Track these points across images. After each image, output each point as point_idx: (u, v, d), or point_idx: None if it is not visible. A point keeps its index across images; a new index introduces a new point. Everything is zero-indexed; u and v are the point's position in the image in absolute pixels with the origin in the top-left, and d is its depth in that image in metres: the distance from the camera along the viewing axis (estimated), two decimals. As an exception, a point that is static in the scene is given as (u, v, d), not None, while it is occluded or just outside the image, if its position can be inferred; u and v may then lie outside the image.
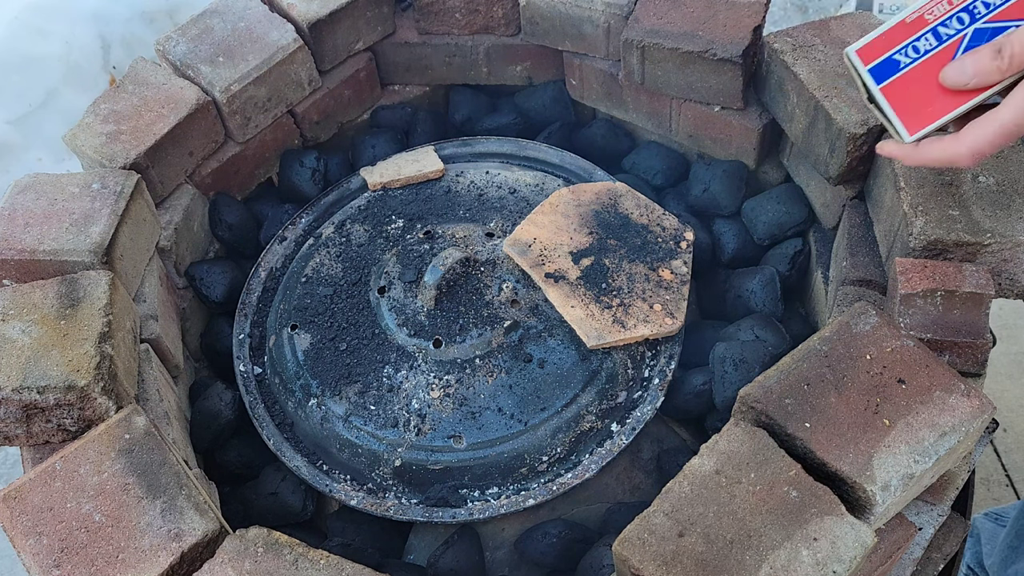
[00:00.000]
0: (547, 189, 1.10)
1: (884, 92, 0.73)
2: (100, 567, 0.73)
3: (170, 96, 1.09)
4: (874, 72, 0.73)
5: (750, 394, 0.76)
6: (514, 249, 1.00)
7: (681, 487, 0.71)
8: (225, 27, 1.15)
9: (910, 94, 0.72)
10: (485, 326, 0.96)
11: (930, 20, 0.71)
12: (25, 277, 0.93)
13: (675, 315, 0.96)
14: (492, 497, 0.91)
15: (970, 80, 0.69)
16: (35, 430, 0.82)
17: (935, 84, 0.71)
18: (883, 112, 0.73)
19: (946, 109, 0.71)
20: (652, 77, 1.12)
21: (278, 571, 0.72)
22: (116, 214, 0.95)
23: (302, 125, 1.23)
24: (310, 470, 0.95)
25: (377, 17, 1.22)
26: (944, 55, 0.71)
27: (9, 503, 0.77)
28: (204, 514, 0.76)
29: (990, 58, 0.68)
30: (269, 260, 1.11)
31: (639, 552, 0.68)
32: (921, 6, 0.72)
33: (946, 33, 0.71)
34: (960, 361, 0.81)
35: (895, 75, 0.72)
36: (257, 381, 1.02)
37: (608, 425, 0.93)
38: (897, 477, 0.70)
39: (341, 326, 1.00)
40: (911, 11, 0.72)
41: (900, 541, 0.78)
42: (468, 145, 1.20)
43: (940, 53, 0.71)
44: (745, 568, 0.67)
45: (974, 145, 0.68)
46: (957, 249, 0.82)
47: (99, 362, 0.82)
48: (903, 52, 0.72)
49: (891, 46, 0.72)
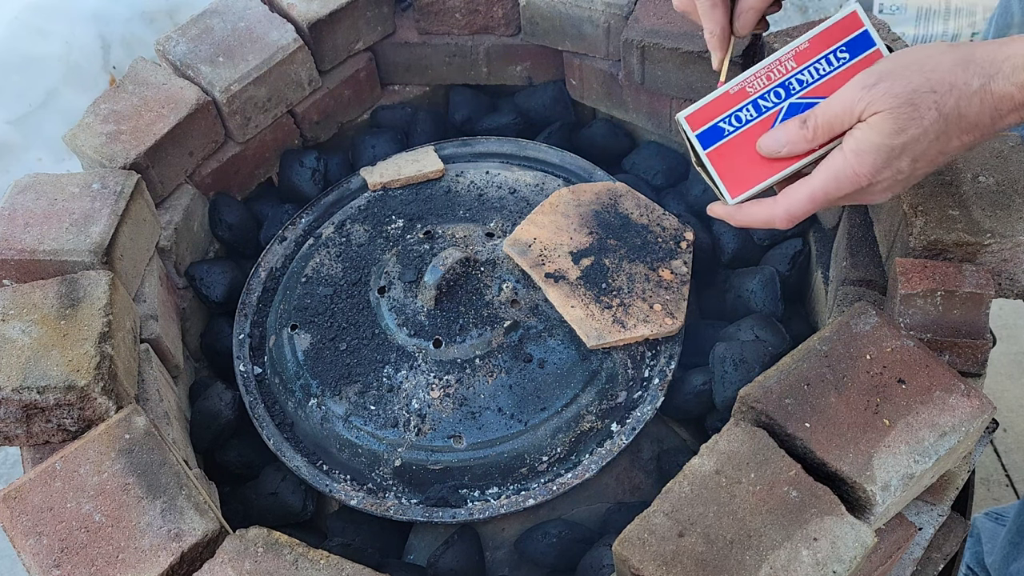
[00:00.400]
0: (547, 189, 1.10)
1: (710, 157, 0.78)
2: (100, 567, 0.73)
3: (170, 96, 1.09)
4: (701, 138, 0.79)
5: (750, 394, 0.76)
6: (514, 249, 1.00)
7: (681, 487, 0.71)
8: (225, 27, 1.15)
9: (733, 160, 0.78)
10: (485, 326, 0.96)
11: (751, 93, 0.78)
12: (25, 277, 0.93)
13: (675, 315, 0.96)
14: (492, 497, 0.91)
15: (782, 148, 0.75)
16: (35, 430, 0.82)
17: (755, 152, 0.77)
18: (710, 175, 0.79)
19: (764, 176, 0.77)
20: (652, 77, 1.12)
21: (278, 571, 0.72)
22: (116, 214, 0.95)
23: (302, 125, 1.23)
24: (310, 470, 0.95)
25: (377, 17, 1.22)
26: (763, 125, 0.77)
27: (9, 503, 0.77)
28: (204, 514, 0.76)
29: (797, 128, 0.74)
30: (269, 260, 1.11)
31: (639, 552, 0.68)
32: (743, 79, 0.78)
33: (765, 105, 0.78)
34: (960, 361, 0.81)
35: (720, 141, 0.78)
36: (257, 381, 1.02)
37: (608, 425, 0.93)
38: (897, 477, 0.70)
39: (341, 326, 1.00)
40: (735, 83, 0.78)
41: (900, 541, 0.78)
42: (468, 145, 1.20)
43: (760, 123, 0.77)
44: (745, 568, 0.67)
45: (788, 208, 0.74)
46: (957, 249, 0.82)
47: (99, 362, 0.82)
48: (727, 121, 0.78)
49: (717, 114, 0.79)
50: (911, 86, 0.68)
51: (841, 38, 0.77)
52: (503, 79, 1.28)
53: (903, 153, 0.69)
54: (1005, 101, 0.67)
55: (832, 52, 0.77)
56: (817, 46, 0.77)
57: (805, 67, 0.77)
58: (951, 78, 0.67)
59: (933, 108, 0.67)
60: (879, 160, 0.69)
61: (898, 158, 0.69)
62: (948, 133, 0.68)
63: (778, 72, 0.78)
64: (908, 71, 0.69)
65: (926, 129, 0.68)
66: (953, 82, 0.67)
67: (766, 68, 0.78)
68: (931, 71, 0.68)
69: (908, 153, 0.69)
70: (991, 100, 0.67)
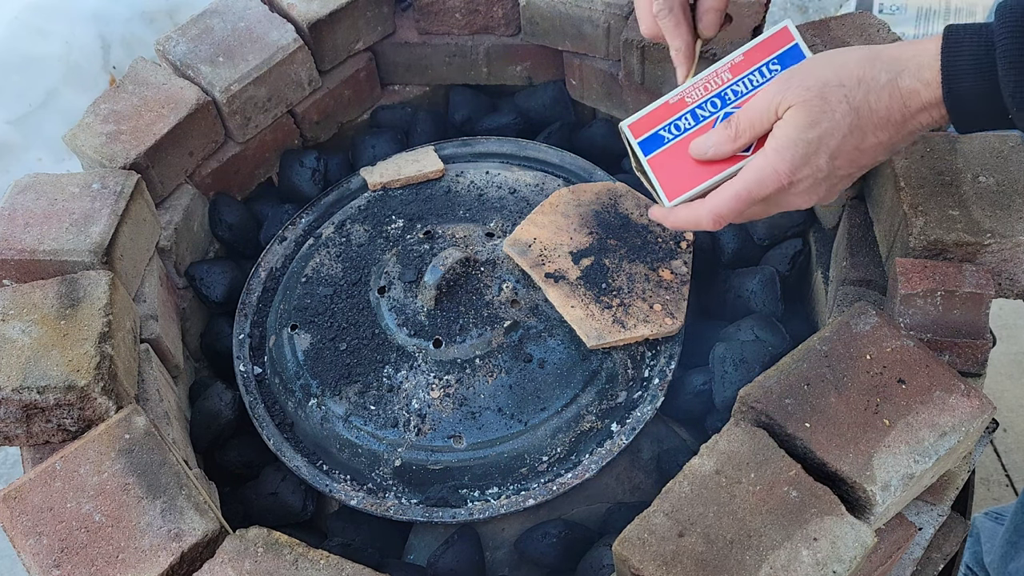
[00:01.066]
0: (547, 189, 1.10)
1: (650, 163, 0.82)
2: (100, 567, 0.73)
3: (170, 96, 1.09)
4: (643, 145, 0.83)
5: (750, 394, 0.76)
6: (514, 249, 1.00)
7: (681, 487, 0.71)
8: (225, 27, 1.15)
9: (671, 166, 0.81)
10: (485, 326, 0.96)
11: (689, 103, 0.82)
12: (25, 277, 0.93)
13: (675, 315, 0.96)
14: (492, 497, 0.91)
15: (708, 150, 0.78)
16: (35, 430, 0.82)
17: (691, 158, 0.80)
18: (650, 180, 0.82)
19: (699, 180, 0.80)
20: (652, 77, 1.12)
21: (278, 571, 0.72)
22: (116, 214, 0.95)
23: (302, 125, 1.23)
24: (310, 470, 0.95)
25: (377, 17, 1.22)
26: (700, 133, 0.80)
27: (9, 503, 0.77)
28: (204, 514, 0.76)
29: (722, 129, 0.77)
30: (269, 260, 1.11)
31: (639, 552, 0.68)
32: (682, 90, 0.82)
33: (702, 115, 0.81)
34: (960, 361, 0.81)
35: (660, 148, 0.82)
36: (257, 381, 1.02)
37: (608, 425, 0.93)
38: (897, 477, 0.70)
39: (341, 326, 1.00)
40: (674, 93, 0.83)
41: (900, 541, 0.78)
42: (468, 145, 1.20)
43: (697, 132, 0.81)
44: (745, 568, 0.67)
45: (714, 209, 0.76)
46: (957, 249, 0.82)
47: (99, 362, 0.82)
48: (667, 129, 0.82)
49: (657, 123, 0.82)
50: (821, 80, 0.70)
51: (773, 51, 0.80)
52: (503, 79, 1.28)
53: (820, 148, 0.70)
54: (912, 97, 0.68)
55: (765, 64, 0.80)
56: (751, 59, 0.81)
57: (740, 78, 0.81)
58: (859, 72, 0.69)
59: (843, 101, 0.69)
60: (797, 155, 0.70)
61: (815, 154, 0.70)
62: (862, 128, 0.69)
63: (715, 83, 0.81)
64: (818, 67, 0.71)
65: (838, 122, 0.69)
66: (861, 76, 0.69)
67: (704, 79, 0.82)
68: (840, 66, 0.70)
69: (824, 148, 0.70)
70: (899, 95, 0.68)
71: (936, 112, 0.68)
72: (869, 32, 1.02)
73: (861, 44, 1.01)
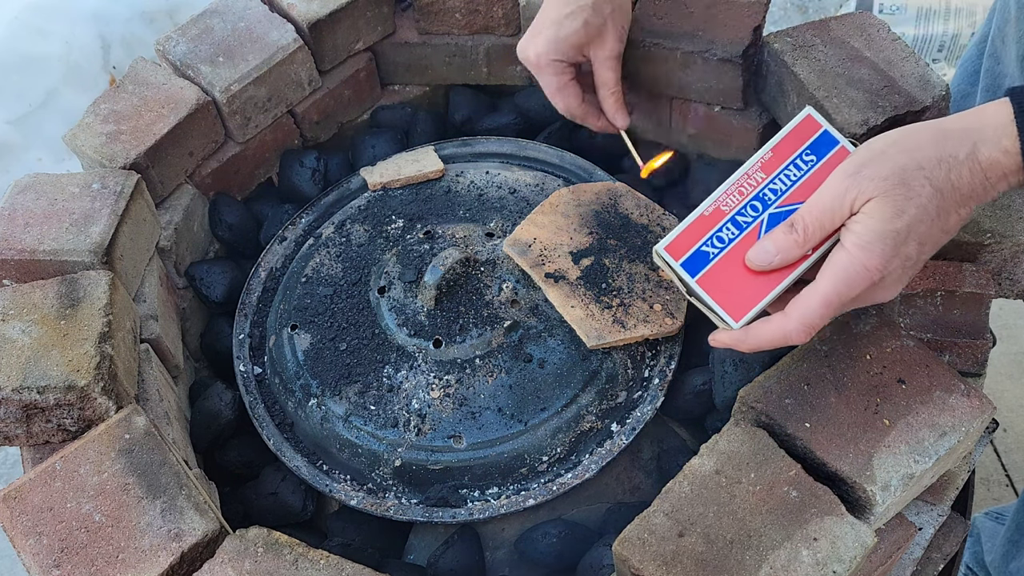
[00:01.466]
0: (547, 189, 1.10)
1: (701, 283, 0.75)
2: (100, 567, 0.73)
3: (170, 96, 1.09)
4: (687, 266, 0.75)
5: (750, 394, 0.76)
6: (514, 249, 1.00)
7: (681, 487, 0.71)
8: (225, 27, 1.15)
9: (725, 282, 0.74)
10: (485, 326, 0.96)
11: (727, 211, 0.76)
12: (25, 277, 0.93)
13: (675, 315, 0.96)
14: (492, 497, 0.91)
15: (774, 258, 0.72)
16: (35, 430, 0.82)
17: (746, 269, 0.74)
18: (705, 303, 0.75)
19: (764, 291, 0.73)
20: (652, 77, 1.11)
21: (278, 571, 0.72)
22: (116, 214, 0.95)
23: (302, 125, 1.23)
24: (310, 470, 0.95)
25: (377, 17, 1.22)
26: (748, 241, 0.75)
27: (9, 503, 0.77)
28: (204, 514, 0.76)
29: (786, 234, 0.71)
30: (269, 260, 1.11)
31: (639, 552, 0.68)
32: (715, 199, 0.76)
33: (744, 221, 0.75)
34: (960, 361, 0.81)
35: (707, 266, 0.75)
36: (257, 381, 1.02)
37: (608, 425, 0.93)
38: (897, 477, 0.70)
39: (341, 326, 1.00)
40: (706, 205, 0.76)
41: (900, 541, 0.78)
42: (468, 145, 1.20)
43: (744, 240, 0.75)
44: (745, 568, 0.67)
45: (805, 321, 0.69)
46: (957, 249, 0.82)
47: (99, 362, 0.82)
48: (709, 243, 0.75)
49: (697, 239, 0.76)
50: (898, 166, 0.66)
51: (803, 141, 0.76)
52: (503, 79, 1.28)
53: (908, 237, 0.66)
54: (993, 168, 0.66)
55: (798, 156, 0.76)
56: (781, 154, 0.76)
57: (775, 176, 0.76)
58: (935, 152, 0.66)
59: (926, 184, 0.66)
60: (887, 248, 0.66)
61: (904, 243, 0.67)
62: (946, 208, 0.67)
63: (749, 185, 0.76)
64: (889, 153, 0.67)
65: (924, 206, 0.66)
66: (939, 156, 0.66)
67: (736, 184, 0.76)
68: (913, 149, 0.67)
69: (913, 236, 0.67)
70: (979, 168, 0.66)
71: (1015, 178, 0.66)
72: (869, 32, 1.02)
73: (862, 44, 1.01)
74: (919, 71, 0.97)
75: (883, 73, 0.97)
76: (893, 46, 1.00)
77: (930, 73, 0.97)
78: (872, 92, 0.96)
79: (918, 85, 0.96)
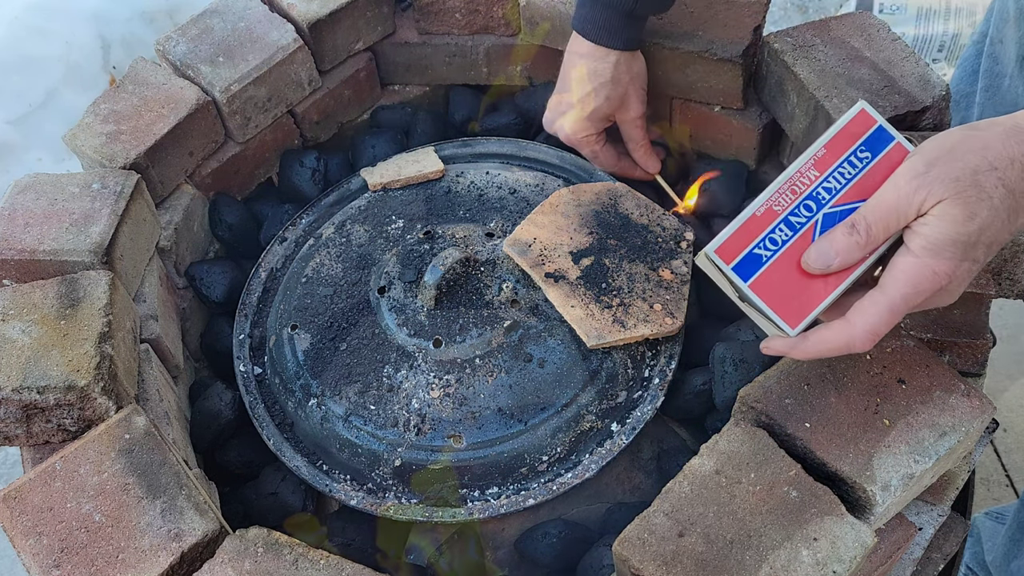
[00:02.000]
0: (547, 189, 1.10)
1: (754, 288, 0.71)
2: (100, 567, 0.73)
3: (170, 96, 1.09)
4: (738, 270, 0.71)
5: (750, 394, 0.76)
6: (514, 249, 1.00)
7: (681, 487, 0.71)
8: (225, 27, 1.15)
9: (780, 286, 0.71)
10: (485, 326, 0.96)
11: (779, 211, 0.72)
12: (25, 277, 0.93)
13: (675, 315, 0.96)
14: (492, 497, 0.91)
15: (833, 261, 0.69)
16: (35, 430, 0.82)
17: (802, 272, 0.70)
18: (758, 309, 0.71)
19: (821, 296, 0.70)
20: (652, 77, 1.11)
21: (278, 571, 0.73)
22: (116, 214, 0.95)
23: (302, 125, 1.23)
24: (310, 470, 0.95)
25: (377, 17, 1.22)
26: (802, 242, 0.71)
27: (9, 503, 0.77)
28: (204, 514, 0.76)
29: (846, 235, 0.68)
30: (269, 260, 1.12)
31: (639, 552, 0.68)
32: (766, 199, 0.72)
33: (798, 221, 0.71)
34: (960, 361, 0.81)
35: (760, 270, 0.71)
36: (257, 381, 1.02)
37: (608, 425, 0.93)
38: (897, 477, 0.70)
39: (341, 326, 1.00)
40: (757, 205, 0.72)
41: (900, 541, 0.78)
42: (468, 145, 1.20)
43: (798, 241, 0.71)
44: (745, 568, 0.67)
45: (869, 328, 0.66)
46: (957, 249, 0.82)
47: (99, 362, 0.82)
48: (761, 246, 0.71)
49: (748, 241, 0.72)
50: (970, 167, 0.63)
51: (858, 137, 0.72)
52: (503, 79, 1.28)
53: (979, 240, 0.64)
54: None
55: (852, 153, 0.72)
56: (835, 150, 0.72)
57: (829, 174, 0.72)
58: (1007, 151, 0.63)
59: (999, 185, 0.63)
60: (957, 252, 0.64)
61: (974, 246, 0.64)
62: (1017, 210, 0.64)
63: (802, 184, 0.72)
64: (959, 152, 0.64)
65: (996, 208, 0.63)
66: (1012, 155, 0.63)
67: (788, 183, 0.72)
68: (984, 148, 0.64)
69: (984, 239, 0.64)
70: None
71: None
72: (869, 32, 1.02)
73: (862, 44, 1.01)
74: (919, 71, 0.97)
75: (883, 73, 0.97)
76: (893, 46, 1.00)
77: (930, 73, 0.97)
78: (872, 92, 0.96)
79: (918, 85, 0.96)
